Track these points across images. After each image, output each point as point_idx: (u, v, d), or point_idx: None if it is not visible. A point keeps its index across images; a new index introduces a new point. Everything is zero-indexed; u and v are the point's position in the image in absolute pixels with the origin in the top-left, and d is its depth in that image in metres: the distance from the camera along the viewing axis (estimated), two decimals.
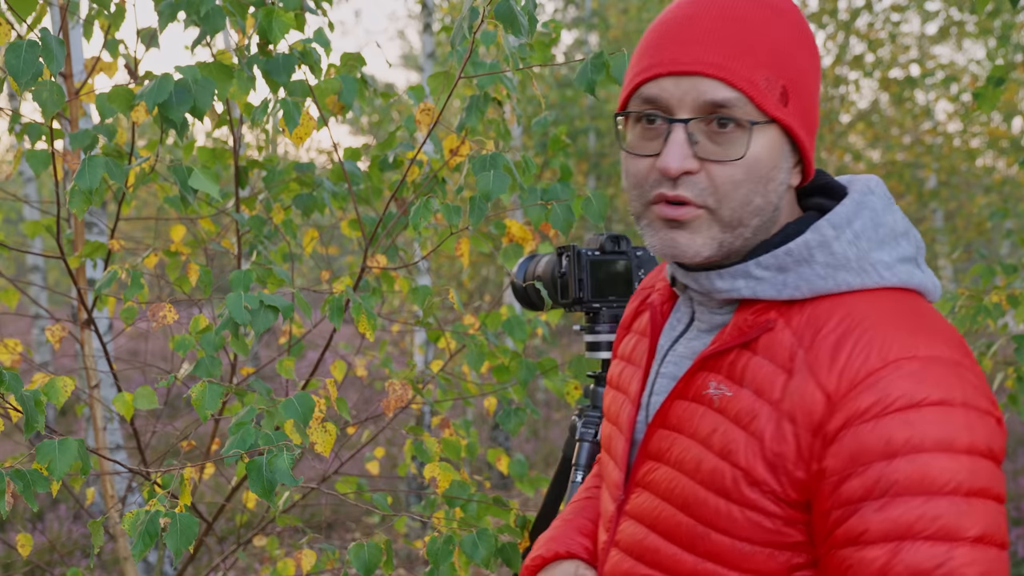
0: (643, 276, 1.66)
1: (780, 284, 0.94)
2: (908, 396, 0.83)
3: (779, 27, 0.93)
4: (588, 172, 8.53)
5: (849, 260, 0.93)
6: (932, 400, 0.83)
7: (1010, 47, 7.20)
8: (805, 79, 0.94)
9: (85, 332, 2.04)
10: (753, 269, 0.95)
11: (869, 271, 0.92)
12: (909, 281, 0.94)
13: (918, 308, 0.92)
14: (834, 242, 0.93)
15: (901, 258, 0.95)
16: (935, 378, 0.84)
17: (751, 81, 0.90)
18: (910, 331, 0.87)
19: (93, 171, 1.66)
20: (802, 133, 0.94)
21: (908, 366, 0.84)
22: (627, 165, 0.98)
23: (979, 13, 3.65)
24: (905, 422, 0.82)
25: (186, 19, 1.74)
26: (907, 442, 0.82)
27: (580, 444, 1.63)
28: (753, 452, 0.90)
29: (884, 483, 0.82)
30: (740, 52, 0.91)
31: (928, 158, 9.90)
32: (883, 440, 0.82)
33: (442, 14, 7.99)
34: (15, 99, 5.22)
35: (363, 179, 2.26)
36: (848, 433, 0.84)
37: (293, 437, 1.53)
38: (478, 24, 1.63)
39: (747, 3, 0.93)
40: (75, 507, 4.98)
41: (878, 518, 0.82)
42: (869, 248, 0.93)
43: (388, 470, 5.60)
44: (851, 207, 0.95)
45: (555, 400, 8.37)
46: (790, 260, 0.94)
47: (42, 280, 7.50)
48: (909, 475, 0.81)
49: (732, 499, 0.91)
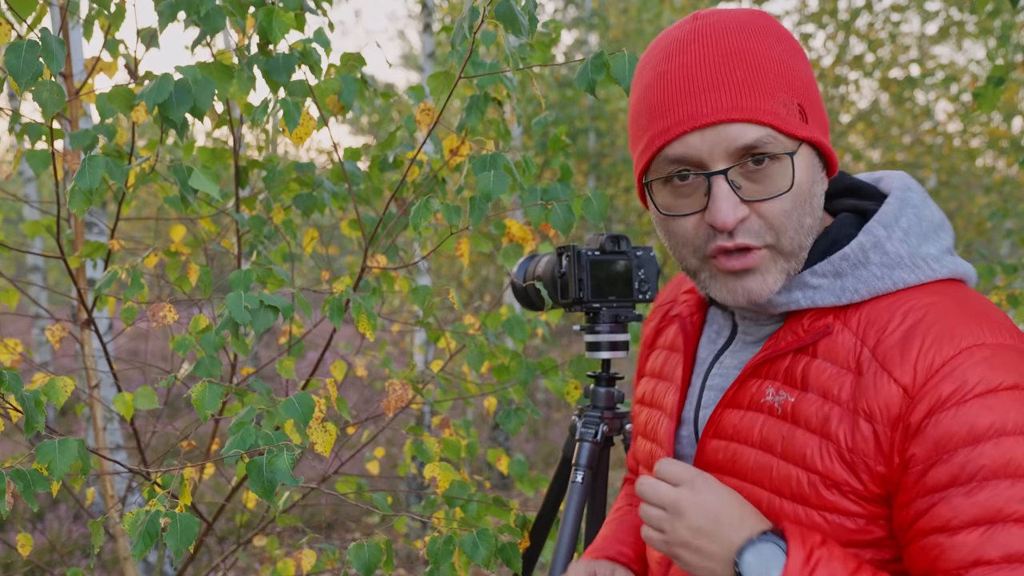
0: (643, 276, 1.66)
1: (839, 290, 0.95)
2: (986, 382, 0.84)
3: (774, 47, 0.93)
4: (588, 172, 8.53)
5: (903, 258, 0.94)
6: (1007, 385, 0.84)
7: (1010, 47, 7.20)
8: (810, 87, 0.95)
9: (85, 332, 2.04)
10: (809, 278, 0.96)
11: (921, 266, 0.94)
12: (956, 271, 0.96)
13: (970, 296, 0.93)
14: (886, 242, 0.94)
15: (945, 249, 0.97)
16: (1006, 364, 0.86)
17: (773, 112, 0.90)
18: (972, 320, 0.89)
19: (93, 171, 1.66)
20: (825, 140, 0.95)
21: (980, 353, 0.86)
22: (668, 227, 0.97)
23: (979, 13, 3.65)
24: (986, 407, 0.83)
25: (186, 19, 1.74)
26: (991, 427, 0.83)
27: (580, 444, 1.62)
28: (829, 454, 0.90)
29: (971, 468, 0.83)
30: (754, 87, 0.90)
31: (928, 158, 9.91)
32: (967, 426, 0.84)
33: (442, 14, 7.99)
34: (15, 99, 5.22)
35: (363, 179, 2.26)
36: (931, 422, 0.85)
37: (293, 437, 1.53)
38: (478, 24, 1.63)
39: (737, 34, 0.92)
40: (75, 507, 4.98)
41: (967, 503, 0.83)
42: (918, 244, 0.95)
43: (388, 470, 5.60)
44: (896, 205, 0.97)
45: (555, 400, 8.37)
46: (846, 264, 0.95)
47: (42, 280, 7.50)
48: (995, 459, 0.82)
49: (811, 504, 0.91)
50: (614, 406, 1.69)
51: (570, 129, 7.97)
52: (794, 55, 0.94)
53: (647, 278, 1.66)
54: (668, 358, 1.15)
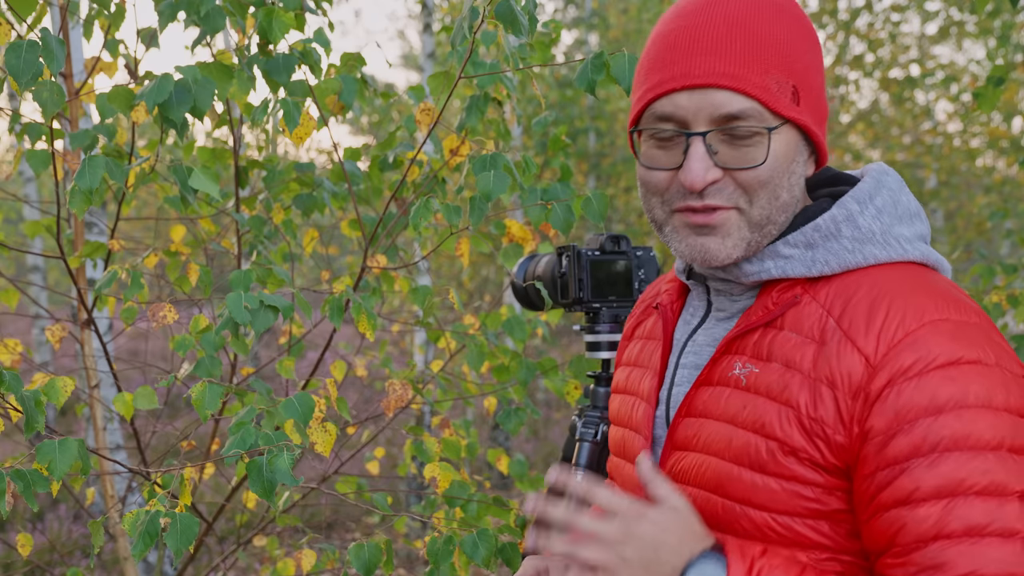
0: (643, 276, 1.66)
1: (809, 261, 0.96)
2: (948, 353, 0.85)
3: (783, 26, 0.94)
4: (588, 172, 8.53)
5: (875, 233, 0.95)
6: (969, 359, 0.84)
7: (1010, 47, 7.20)
8: (812, 72, 0.95)
9: (85, 332, 2.04)
10: (781, 248, 0.97)
11: (893, 244, 0.95)
12: (928, 256, 0.97)
13: (939, 280, 0.94)
14: (859, 216, 0.95)
15: (918, 235, 0.98)
16: (969, 339, 0.86)
17: (764, 87, 0.91)
18: (939, 297, 0.90)
19: (93, 171, 1.66)
20: (815, 127, 0.96)
21: (944, 326, 0.86)
22: (644, 177, 0.99)
23: (979, 13, 3.65)
24: (948, 378, 0.84)
25: (186, 19, 1.74)
26: (951, 398, 0.83)
27: (580, 444, 1.62)
28: (788, 421, 0.90)
29: (932, 439, 0.83)
30: (750, 59, 0.91)
31: (928, 158, 9.91)
32: (928, 396, 0.84)
33: (442, 14, 7.99)
34: (15, 99, 5.22)
35: (363, 179, 2.26)
36: (892, 392, 0.85)
37: (293, 437, 1.53)
38: (478, 24, 1.63)
39: (749, 6, 0.93)
40: (75, 507, 4.98)
41: (928, 475, 0.83)
42: (891, 223, 0.96)
43: (388, 470, 5.60)
44: (872, 184, 0.98)
45: (555, 400, 8.37)
46: (818, 236, 0.96)
47: (42, 280, 7.51)
48: (956, 431, 0.82)
49: (768, 471, 0.91)
50: None
51: (570, 129, 7.97)
52: (803, 39, 0.95)
53: (647, 278, 1.66)
54: (645, 346, 1.15)
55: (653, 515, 0.89)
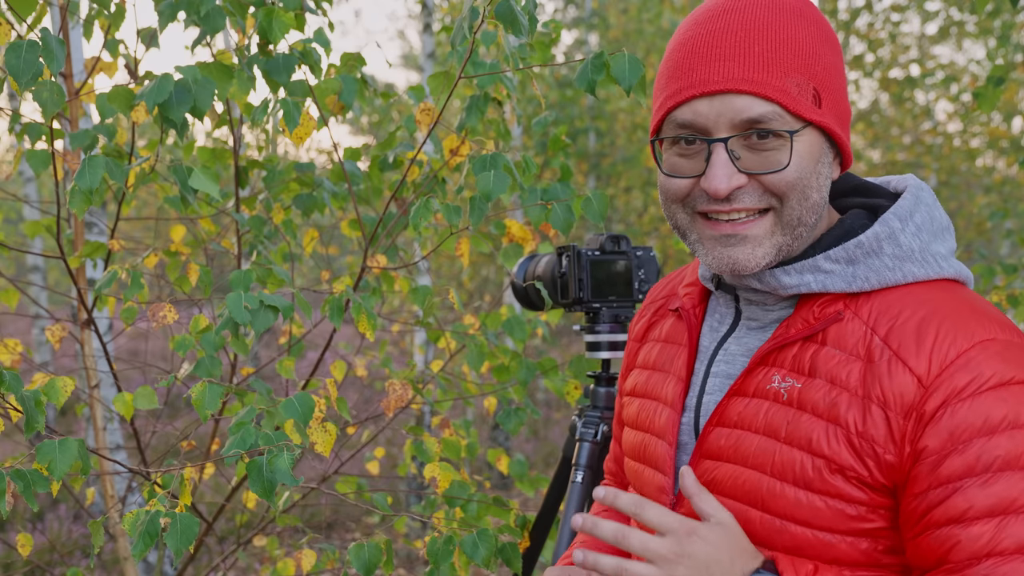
0: (643, 276, 1.66)
1: (850, 276, 0.96)
2: (1000, 375, 0.86)
3: (801, 29, 0.93)
4: (588, 172, 8.53)
5: (914, 252, 0.96)
6: (1020, 379, 0.86)
7: (1010, 47, 7.20)
8: (832, 75, 0.95)
9: (85, 332, 2.04)
10: (822, 263, 0.96)
11: (931, 262, 0.96)
12: (960, 273, 0.98)
13: (975, 296, 0.96)
14: (900, 234, 0.96)
15: (951, 251, 0.99)
16: (1018, 359, 0.87)
17: (784, 90, 0.91)
18: (982, 316, 0.91)
19: (93, 171, 1.66)
20: (838, 130, 0.95)
21: (993, 347, 0.87)
22: (665, 185, 0.98)
23: (979, 13, 3.65)
24: (1001, 399, 0.85)
25: (186, 19, 1.74)
26: (1005, 418, 0.84)
27: (580, 444, 1.62)
28: (836, 438, 0.90)
29: (986, 459, 0.84)
30: (769, 63, 0.91)
31: (928, 158, 9.91)
32: (982, 417, 0.84)
33: (442, 14, 7.99)
34: (15, 99, 5.22)
35: (363, 179, 2.26)
36: (946, 412, 0.86)
37: (293, 437, 1.53)
38: (478, 24, 1.63)
39: (767, 11, 0.93)
40: (75, 507, 4.98)
41: (982, 494, 0.84)
42: (929, 240, 0.97)
43: (388, 470, 5.60)
44: (912, 201, 0.98)
45: (555, 400, 8.37)
46: (860, 252, 0.96)
47: (42, 280, 7.50)
48: (1010, 451, 0.83)
49: (813, 489, 0.91)
50: (614, 406, 1.69)
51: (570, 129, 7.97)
52: (823, 42, 0.95)
53: (647, 278, 1.67)
54: (664, 350, 1.14)
55: (704, 532, 0.89)
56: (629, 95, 1.57)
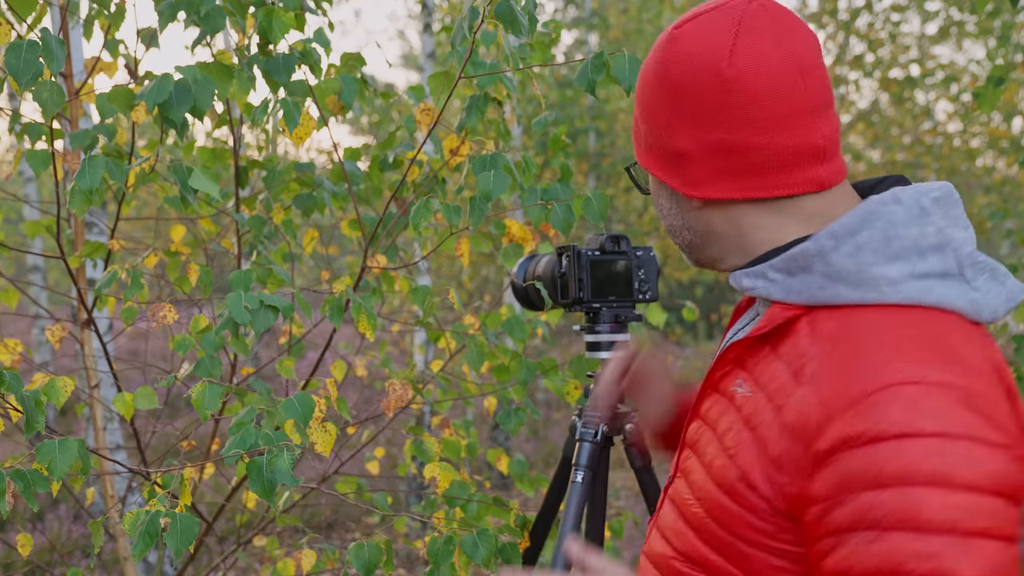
0: (643, 276, 1.66)
1: (787, 288, 0.94)
2: (902, 424, 0.78)
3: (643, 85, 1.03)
4: (588, 172, 8.53)
5: (847, 273, 0.89)
6: (928, 431, 0.78)
7: (1010, 47, 7.19)
8: (646, 115, 1.02)
9: (85, 332, 2.04)
10: (768, 271, 0.96)
11: (868, 285, 0.88)
12: (920, 299, 0.87)
13: (943, 330, 0.86)
14: (832, 253, 0.90)
15: (918, 274, 0.88)
16: (937, 407, 0.79)
17: (636, 137, 1.06)
18: (922, 355, 0.82)
19: (93, 171, 1.66)
20: (653, 168, 1.04)
21: (909, 391, 0.80)
22: None
23: (979, 13, 3.65)
24: (896, 452, 0.78)
25: (186, 19, 1.74)
26: (896, 473, 0.78)
27: (580, 444, 1.62)
28: (754, 455, 0.89)
29: (873, 515, 0.78)
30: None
31: (928, 158, 9.91)
32: (873, 469, 0.79)
33: (442, 14, 7.99)
34: (15, 99, 5.22)
35: (363, 179, 2.26)
36: (837, 458, 0.81)
37: (293, 437, 1.53)
38: (478, 24, 1.63)
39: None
40: (75, 507, 4.98)
41: (869, 552, 0.78)
42: (873, 262, 0.89)
43: (388, 470, 5.60)
44: (859, 217, 0.91)
45: (555, 400, 8.37)
46: (793, 266, 0.93)
47: (42, 280, 7.50)
48: (899, 509, 0.77)
49: (734, 498, 0.91)
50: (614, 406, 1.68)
51: (570, 129, 7.97)
52: (645, 88, 1.02)
53: (647, 278, 1.66)
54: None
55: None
56: (629, 95, 1.57)
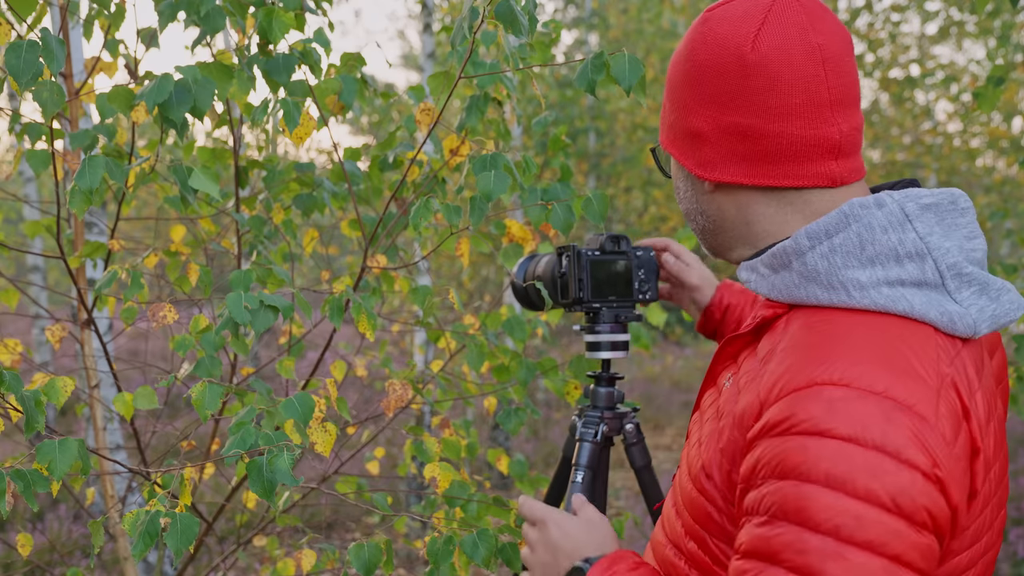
0: (643, 276, 1.66)
1: (771, 284, 0.96)
2: (814, 422, 0.80)
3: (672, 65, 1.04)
4: (588, 172, 8.53)
5: (819, 273, 0.90)
6: (838, 434, 0.79)
7: (1010, 47, 7.19)
8: (671, 97, 1.03)
9: (85, 332, 2.04)
10: (758, 265, 0.98)
11: (837, 288, 0.89)
12: (889, 306, 0.87)
13: (902, 339, 0.85)
14: (808, 252, 0.92)
15: (891, 280, 0.87)
16: (856, 413, 0.79)
17: (662, 118, 1.07)
18: (865, 360, 0.82)
19: (93, 171, 1.66)
20: (671, 148, 1.04)
21: (831, 393, 0.81)
22: None
23: (979, 13, 3.65)
24: (801, 447, 0.80)
25: (186, 19, 1.74)
26: (796, 467, 0.79)
27: (580, 444, 1.62)
28: (713, 445, 0.93)
29: (768, 501, 0.81)
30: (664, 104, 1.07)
31: (928, 158, 9.91)
32: (777, 459, 0.81)
33: (442, 14, 7.99)
34: (15, 99, 5.22)
35: (363, 179, 2.26)
36: (756, 444, 0.84)
37: (293, 437, 1.53)
38: (478, 24, 1.63)
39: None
40: (75, 507, 4.98)
41: (756, 533, 0.82)
42: (844, 264, 0.89)
43: (388, 470, 5.60)
44: (836, 219, 0.92)
45: (555, 400, 8.37)
46: (775, 262, 0.95)
47: (42, 280, 7.50)
48: (789, 500, 0.79)
49: (698, 487, 0.95)
50: (614, 406, 1.68)
51: (570, 129, 7.96)
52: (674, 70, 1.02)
53: (647, 278, 1.66)
54: None
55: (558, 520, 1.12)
56: (629, 95, 1.56)
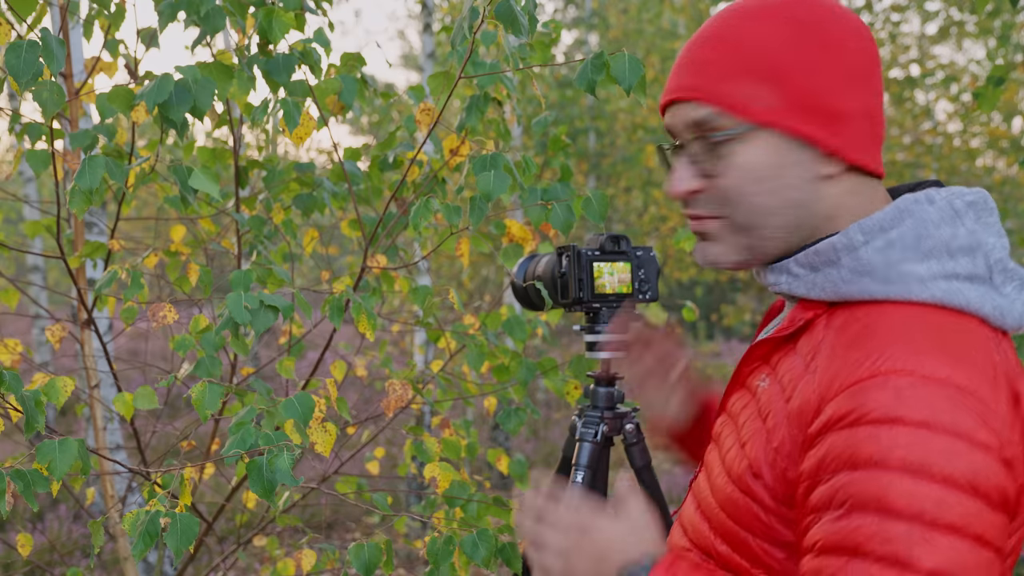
0: (643, 276, 1.66)
1: (811, 283, 0.95)
2: (884, 410, 0.79)
3: (765, 30, 0.92)
4: (588, 172, 8.53)
5: (875, 268, 0.90)
6: (910, 420, 0.79)
7: (1010, 47, 7.20)
8: (804, 71, 0.91)
9: (85, 332, 2.04)
10: (791, 266, 0.97)
11: (896, 282, 0.89)
12: (947, 299, 0.87)
13: (954, 329, 0.86)
14: (862, 247, 0.91)
15: (947, 274, 0.88)
16: (924, 399, 0.79)
17: (720, 93, 0.93)
18: (924, 349, 0.83)
19: (93, 171, 1.66)
20: (806, 127, 0.92)
21: (897, 381, 0.80)
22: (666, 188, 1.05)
23: (979, 13, 3.65)
24: (873, 436, 0.79)
25: (186, 19, 1.74)
26: (870, 457, 0.79)
27: (580, 444, 1.62)
28: (761, 444, 0.91)
29: (843, 495, 0.80)
30: (708, 67, 0.94)
31: (928, 158, 9.91)
32: (849, 450, 0.80)
33: (442, 14, 7.99)
34: (15, 99, 5.22)
35: (363, 179, 2.26)
36: (822, 439, 0.83)
37: (293, 437, 1.53)
38: (478, 24, 1.63)
39: (732, 17, 0.95)
40: (75, 507, 4.98)
41: (833, 528, 0.80)
42: (902, 259, 0.90)
43: (388, 470, 5.60)
44: (891, 214, 0.92)
45: (555, 400, 8.37)
46: (818, 260, 0.94)
47: (42, 280, 7.50)
48: (867, 491, 0.78)
49: (739, 487, 0.93)
50: (614, 406, 1.68)
51: (570, 129, 7.97)
52: (800, 41, 0.92)
53: (647, 278, 1.66)
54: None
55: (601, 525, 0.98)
56: (629, 95, 1.56)
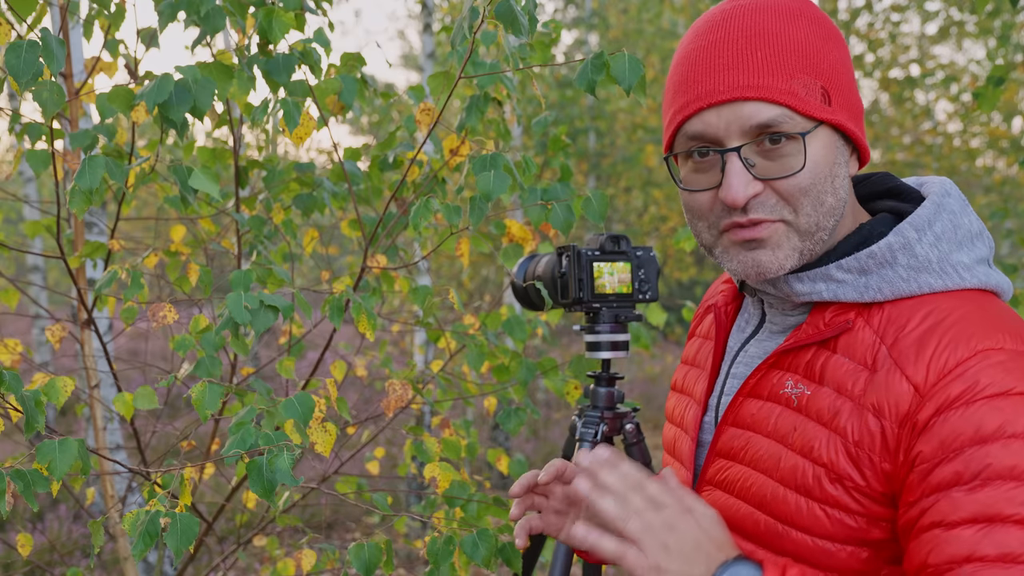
0: (643, 276, 1.66)
1: (862, 287, 0.95)
2: (997, 384, 0.84)
3: (802, 29, 0.93)
4: (588, 172, 8.53)
5: (931, 262, 0.94)
6: (1020, 390, 0.83)
7: (1010, 47, 7.19)
8: (839, 70, 0.94)
9: (85, 332, 2.04)
10: (834, 272, 0.96)
11: (950, 273, 0.93)
12: (987, 282, 0.95)
13: (997, 307, 0.93)
14: (916, 244, 0.94)
15: (978, 259, 0.96)
16: (1022, 370, 0.84)
17: (790, 92, 0.91)
18: (993, 326, 0.88)
19: (93, 171, 1.66)
20: (850, 124, 0.94)
21: (996, 356, 0.85)
22: (687, 201, 0.99)
23: (979, 13, 3.65)
24: (995, 408, 0.83)
25: (186, 19, 1.74)
26: (999, 428, 0.82)
27: (580, 444, 1.62)
28: (836, 448, 0.91)
29: (975, 467, 0.82)
30: (772, 66, 0.91)
31: (928, 158, 9.91)
32: (974, 426, 0.83)
33: (442, 14, 7.99)
34: (15, 99, 5.22)
35: (363, 179, 2.26)
36: (939, 420, 0.85)
37: (293, 437, 1.53)
38: (478, 24, 1.63)
39: (766, 15, 0.94)
40: (75, 507, 4.98)
41: (968, 499, 0.82)
42: (949, 250, 0.94)
43: (388, 470, 5.60)
44: (932, 209, 0.96)
45: (555, 400, 8.37)
46: (872, 263, 0.95)
47: (42, 280, 7.50)
48: (1001, 460, 0.81)
49: (814, 497, 0.92)
50: (614, 406, 1.68)
51: (570, 129, 7.97)
52: (826, 39, 0.94)
53: (647, 278, 1.66)
54: (702, 346, 1.17)
55: (700, 508, 0.89)
56: (629, 95, 1.56)
